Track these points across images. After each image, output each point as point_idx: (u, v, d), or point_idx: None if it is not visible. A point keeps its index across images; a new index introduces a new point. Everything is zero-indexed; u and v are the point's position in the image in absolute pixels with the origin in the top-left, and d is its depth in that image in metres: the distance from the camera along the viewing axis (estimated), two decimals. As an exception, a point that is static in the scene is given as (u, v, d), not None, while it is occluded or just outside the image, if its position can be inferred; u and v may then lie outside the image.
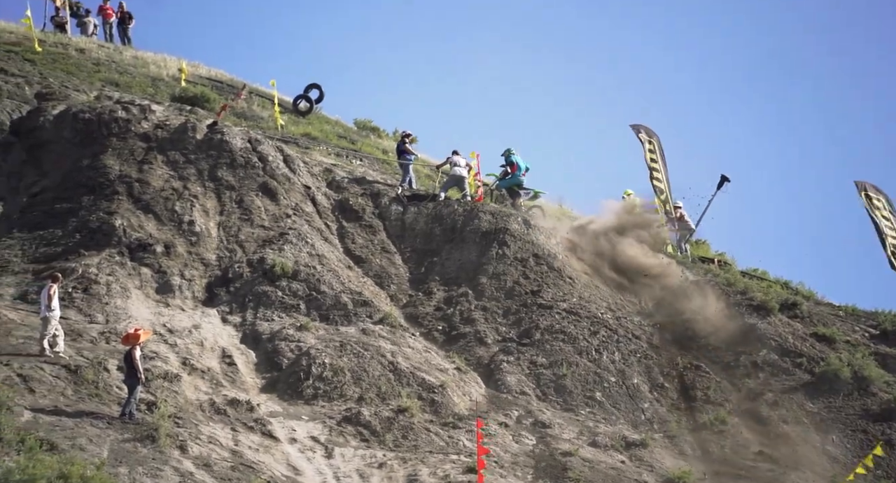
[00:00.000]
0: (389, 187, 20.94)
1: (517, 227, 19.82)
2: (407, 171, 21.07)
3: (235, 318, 17.19)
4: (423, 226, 20.13)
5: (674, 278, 19.64)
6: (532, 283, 18.99)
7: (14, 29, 24.41)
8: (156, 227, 18.06)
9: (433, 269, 19.40)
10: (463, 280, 19.04)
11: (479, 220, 20.01)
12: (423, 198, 20.69)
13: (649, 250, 20.12)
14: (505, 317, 18.47)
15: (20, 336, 14.83)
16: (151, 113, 20.28)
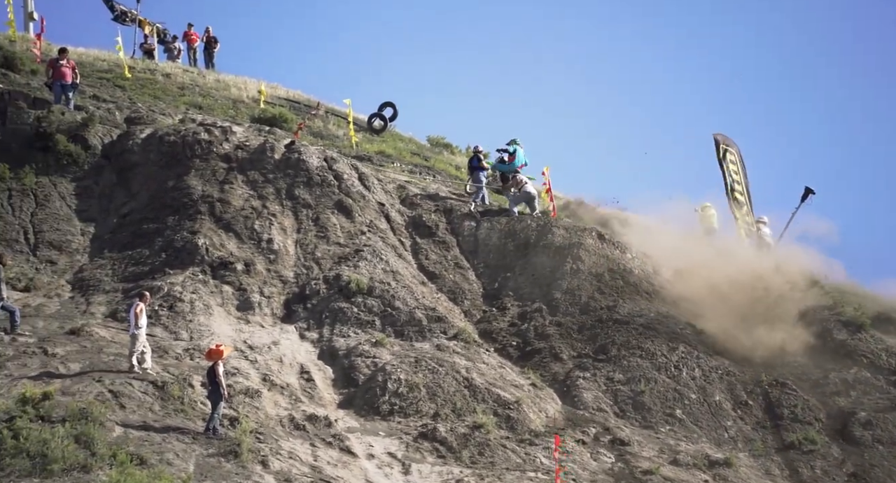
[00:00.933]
0: (462, 203, 20.70)
1: (591, 241, 19.32)
2: (480, 187, 20.84)
3: (313, 334, 17.19)
4: (497, 241, 19.84)
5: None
6: (607, 298, 18.45)
7: (106, 56, 25.18)
8: (236, 245, 18.24)
9: (507, 285, 19.07)
10: (537, 295, 18.65)
11: (553, 234, 19.60)
12: (496, 213, 20.40)
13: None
14: (580, 332, 17.98)
15: (111, 353, 15.09)
16: (232, 134, 20.58)
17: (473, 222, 20.11)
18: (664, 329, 17.87)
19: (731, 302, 18.21)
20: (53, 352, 14.79)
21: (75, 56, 22.47)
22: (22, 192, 18.49)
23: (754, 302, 18.34)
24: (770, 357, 17.76)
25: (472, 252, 19.68)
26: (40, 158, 19.31)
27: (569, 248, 19.21)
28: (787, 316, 18.27)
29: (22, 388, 13.50)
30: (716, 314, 18.08)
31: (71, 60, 21.02)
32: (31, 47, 23.37)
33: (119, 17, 27.44)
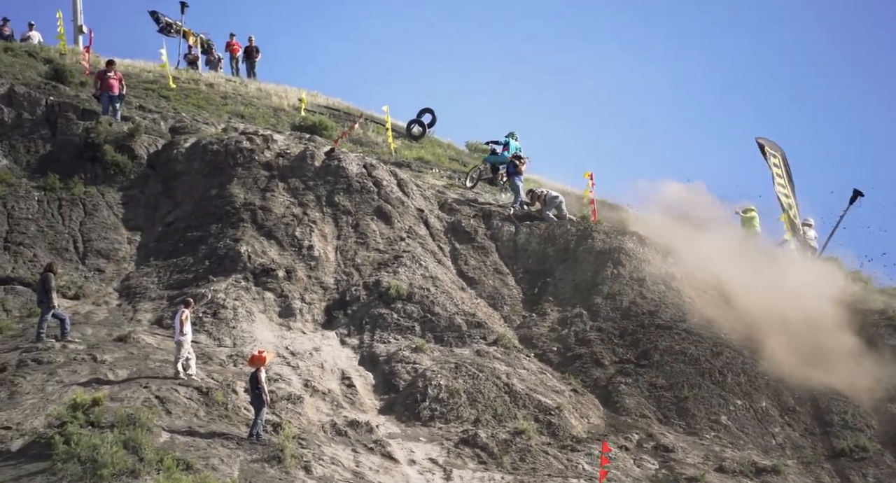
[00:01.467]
0: (501, 208, 20.56)
1: (632, 245, 19.03)
2: (518, 191, 20.67)
3: (353, 340, 17.19)
4: (536, 246, 19.65)
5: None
6: (649, 302, 18.14)
7: (152, 68, 25.54)
8: (278, 252, 18.34)
9: (546, 290, 18.87)
10: (577, 300, 18.40)
11: (593, 239, 19.35)
12: (535, 218, 20.21)
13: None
14: (621, 338, 17.69)
15: (157, 360, 15.26)
16: (273, 142, 20.71)
17: (513, 228, 19.94)
18: (708, 334, 17.51)
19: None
20: (102, 358, 15.00)
21: (122, 67, 22.81)
22: (71, 202, 18.81)
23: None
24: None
25: (511, 257, 19.51)
26: (89, 168, 19.63)
27: (609, 253, 18.94)
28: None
29: (72, 394, 13.70)
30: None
31: (118, 72, 21.35)
32: (79, 60, 23.79)
33: (164, 28, 27.82)
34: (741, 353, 17.25)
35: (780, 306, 17.83)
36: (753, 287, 18.26)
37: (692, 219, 19.97)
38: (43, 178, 19.07)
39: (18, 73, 21.37)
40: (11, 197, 18.33)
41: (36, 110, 20.42)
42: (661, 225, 20.03)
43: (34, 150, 19.75)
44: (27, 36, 26.05)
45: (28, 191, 18.67)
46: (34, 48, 24.48)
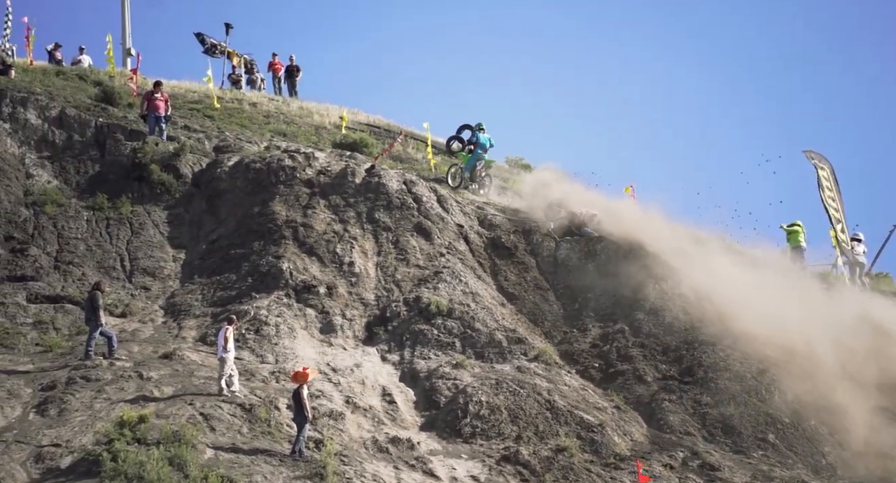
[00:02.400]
0: (541, 224, 20.35)
1: (674, 260, 18.64)
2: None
3: (394, 356, 17.08)
4: (576, 261, 19.37)
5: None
6: (692, 318, 17.72)
7: (197, 88, 25.89)
8: (319, 268, 18.33)
9: (587, 305, 18.55)
10: (619, 316, 18.05)
11: (634, 254, 19.01)
12: (575, 234, 19.94)
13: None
14: (664, 354, 17.30)
15: (201, 376, 15.30)
16: (315, 160, 20.78)
17: (552, 243, 19.70)
18: (753, 351, 17.02)
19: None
20: (148, 375, 15.08)
21: (168, 88, 23.12)
22: (119, 221, 19.04)
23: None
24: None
25: (551, 273, 19.25)
26: (136, 188, 19.88)
27: (651, 268, 18.58)
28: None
29: (119, 411, 13.78)
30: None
31: (164, 93, 21.65)
32: (128, 82, 24.19)
33: (209, 49, 28.22)
34: (788, 370, 16.72)
35: (823, 333, 17.22)
36: (792, 309, 17.68)
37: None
38: (92, 197, 19.34)
39: (69, 97, 21.77)
40: (62, 217, 18.62)
41: (86, 132, 20.77)
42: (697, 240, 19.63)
43: (84, 171, 20.07)
44: (78, 60, 26.62)
45: (77, 211, 18.95)
46: (84, 72, 24.97)
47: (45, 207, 18.67)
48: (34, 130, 20.37)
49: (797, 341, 17.23)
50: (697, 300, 17.98)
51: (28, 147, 20.02)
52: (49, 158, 20.06)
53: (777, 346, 17.22)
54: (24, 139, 20.10)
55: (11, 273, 17.28)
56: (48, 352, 15.80)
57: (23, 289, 16.99)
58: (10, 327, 16.16)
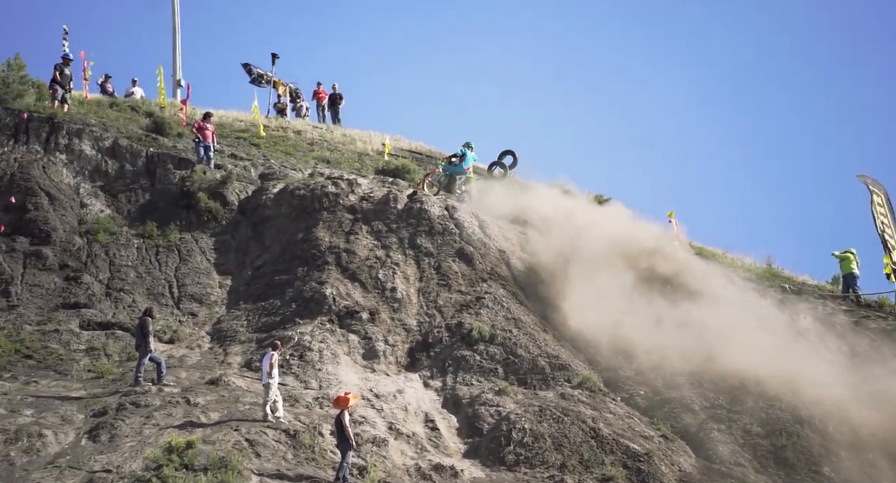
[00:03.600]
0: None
1: (719, 285, 18.28)
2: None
3: (436, 382, 16.99)
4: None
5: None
6: (741, 345, 17.29)
7: (244, 117, 26.39)
8: (361, 294, 18.39)
9: (632, 332, 18.27)
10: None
11: (679, 280, 18.68)
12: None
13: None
14: (713, 382, 16.92)
15: (247, 402, 15.39)
16: (357, 186, 20.94)
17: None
18: (806, 379, 16.50)
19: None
20: (195, 401, 15.23)
21: (216, 118, 23.56)
22: (168, 248, 19.39)
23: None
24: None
25: (594, 299, 19.00)
26: (184, 215, 20.24)
27: (696, 294, 18.23)
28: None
29: (168, 437, 13.92)
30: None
31: (212, 124, 22.10)
32: (177, 112, 24.75)
33: (256, 79, 28.75)
34: (843, 401, 16.17)
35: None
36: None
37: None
38: (142, 225, 19.74)
39: (122, 127, 22.32)
40: (113, 245, 19.02)
41: (137, 161, 21.24)
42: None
43: (134, 200, 20.50)
44: (130, 92, 27.32)
45: (128, 238, 19.34)
46: (136, 103, 25.60)
47: (98, 236, 19.09)
48: (88, 161, 20.90)
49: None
50: (746, 327, 17.53)
51: (83, 177, 20.54)
52: (102, 188, 20.53)
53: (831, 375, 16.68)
54: (79, 169, 20.62)
55: (66, 300, 17.67)
56: (100, 378, 16.07)
57: (76, 316, 17.35)
58: (64, 354, 16.49)
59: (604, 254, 19.06)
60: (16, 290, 17.53)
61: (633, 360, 17.47)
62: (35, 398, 15.00)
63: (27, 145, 20.47)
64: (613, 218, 20.57)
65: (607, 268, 18.64)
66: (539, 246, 19.94)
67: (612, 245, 19.29)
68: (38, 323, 16.98)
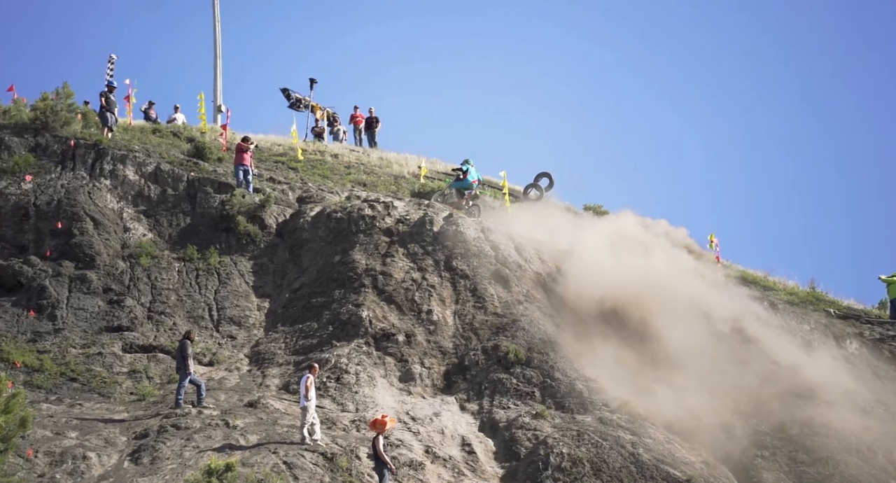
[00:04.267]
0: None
1: (763, 310, 17.96)
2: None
3: (473, 405, 16.92)
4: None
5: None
6: (784, 370, 16.95)
7: (282, 141, 26.70)
8: (398, 317, 18.43)
9: (672, 356, 18.02)
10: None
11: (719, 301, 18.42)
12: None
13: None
14: (756, 407, 16.57)
15: (284, 425, 15.49)
16: (394, 209, 21.05)
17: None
18: (853, 405, 16.11)
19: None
20: (234, 424, 15.36)
21: (255, 142, 23.88)
22: (207, 272, 19.66)
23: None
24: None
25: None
26: (223, 239, 20.51)
27: (735, 319, 17.88)
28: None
29: (207, 459, 14.03)
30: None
31: (251, 148, 22.42)
32: (218, 137, 25.17)
33: (294, 104, 29.09)
34: (890, 428, 15.72)
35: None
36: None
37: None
38: (182, 249, 20.05)
39: (164, 153, 22.76)
40: (155, 268, 19.35)
41: (178, 186, 21.62)
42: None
43: (176, 224, 20.85)
44: (173, 118, 27.87)
45: (169, 262, 19.66)
46: (178, 128, 26.11)
47: (141, 259, 19.44)
48: (132, 186, 21.33)
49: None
50: (788, 352, 17.16)
51: (126, 202, 20.95)
52: (144, 212, 20.92)
53: (879, 402, 16.23)
54: (123, 194, 21.05)
55: (109, 323, 18.00)
56: (142, 400, 16.31)
57: (119, 339, 17.66)
58: (108, 376, 16.78)
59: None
60: (61, 314, 17.91)
61: (674, 384, 17.15)
62: (79, 420, 15.26)
63: (73, 171, 20.97)
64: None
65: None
66: (584, 279, 19.06)
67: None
68: (83, 346, 17.31)
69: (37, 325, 17.53)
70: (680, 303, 17.97)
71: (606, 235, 20.40)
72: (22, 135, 21.31)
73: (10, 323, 17.48)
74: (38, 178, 20.33)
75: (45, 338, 17.30)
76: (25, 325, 17.50)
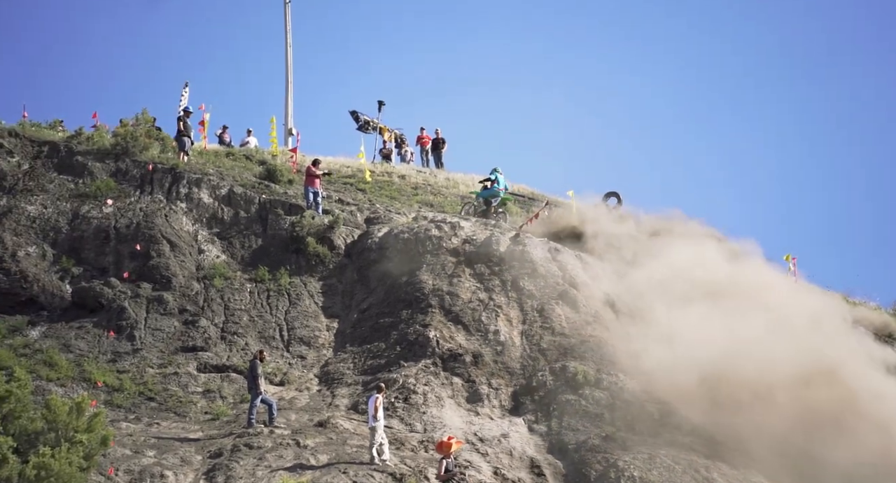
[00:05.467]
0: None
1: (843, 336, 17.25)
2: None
3: (541, 427, 16.73)
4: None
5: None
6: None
7: (350, 163, 27.11)
8: (465, 337, 18.41)
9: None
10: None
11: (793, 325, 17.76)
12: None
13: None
14: (838, 435, 15.88)
15: (354, 445, 15.61)
16: (460, 229, 21.09)
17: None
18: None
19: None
20: (305, 443, 15.56)
21: (324, 164, 24.29)
22: (278, 292, 20.05)
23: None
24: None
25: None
26: (293, 260, 20.89)
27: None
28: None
29: (279, 479, 14.26)
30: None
31: (320, 170, 22.83)
32: (288, 160, 25.70)
33: (363, 126, 29.47)
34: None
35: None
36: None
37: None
38: (254, 270, 20.50)
39: (237, 176, 23.36)
40: (228, 289, 19.83)
41: (250, 208, 22.15)
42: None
43: (248, 245, 21.35)
44: (246, 141, 28.58)
45: (242, 283, 20.13)
46: (250, 152, 26.79)
47: (214, 281, 19.96)
48: (206, 209, 21.95)
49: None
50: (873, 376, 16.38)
51: (200, 224, 21.57)
52: (218, 234, 21.50)
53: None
54: (198, 217, 21.68)
55: (184, 344, 18.52)
56: (215, 419, 16.69)
57: (194, 359, 18.15)
58: (183, 396, 17.25)
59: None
60: (140, 334, 18.51)
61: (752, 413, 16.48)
62: (157, 439, 15.71)
63: (151, 195, 21.70)
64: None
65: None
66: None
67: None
68: (160, 366, 17.83)
69: (116, 345, 18.15)
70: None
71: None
72: (104, 160, 22.17)
73: (92, 343, 18.15)
74: (119, 201, 21.09)
75: (125, 358, 17.89)
76: (106, 345, 18.14)
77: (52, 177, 21.32)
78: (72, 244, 20.09)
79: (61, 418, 12.67)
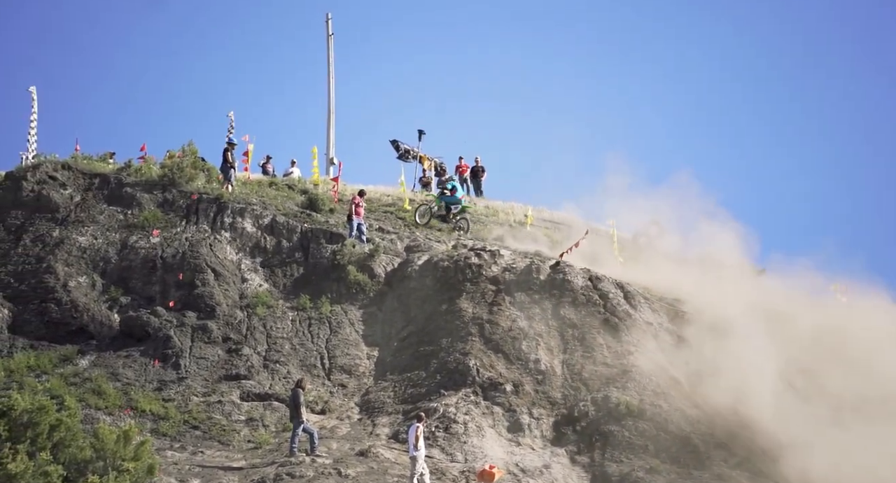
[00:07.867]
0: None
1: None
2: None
3: (584, 458, 16.53)
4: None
5: None
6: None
7: (391, 191, 27.33)
8: (505, 366, 18.33)
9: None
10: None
11: (853, 342, 17.36)
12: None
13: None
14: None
15: (395, 475, 15.57)
16: (500, 257, 21.09)
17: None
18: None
19: None
20: (346, 473, 15.57)
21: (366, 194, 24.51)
22: (319, 320, 20.21)
23: None
24: None
25: (750, 373, 17.96)
26: (334, 288, 21.05)
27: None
28: None
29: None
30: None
31: (363, 201, 23.06)
32: (330, 189, 26.01)
33: (403, 155, 29.70)
34: None
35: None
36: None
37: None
38: (296, 298, 20.71)
39: (280, 205, 23.72)
40: (270, 318, 20.05)
41: (292, 237, 22.45)
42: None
43: (290, 274, 21.60)
44: (289, 171, 29.02)
45: (284, 311, 20.34)
46: (293, 181, 27.20)
47: (257, 309, 20.21)
48: (249, 238, 22.30)
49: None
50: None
51: (244, 253, 21.91)
52: (261, 263, 21.80)
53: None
54: (241, 246, 22.03)
55: (228, 372, 18.74)
56: (258, 448, 16.80)
57: (237, 387, 18.34)
58: (227, 424, 17.42)
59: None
60: (185, 363, 18.79)
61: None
62: (201, 468, 15.86)
63: (196, 224, 22.13)
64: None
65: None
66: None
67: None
68: (204, 394, 18.06)
69: (162, 373, 18.43)
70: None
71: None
72: (151, 191, 22.69)
73: (139, 372, 18.46)
74: (165, 231, 21.54)
75: (170, 386, 18.15)
76: (152, 374, 18.43)
77: (102, 208, 21.87)
78: (120, 274, 20.53)
79: (109, 447, 12.89)
